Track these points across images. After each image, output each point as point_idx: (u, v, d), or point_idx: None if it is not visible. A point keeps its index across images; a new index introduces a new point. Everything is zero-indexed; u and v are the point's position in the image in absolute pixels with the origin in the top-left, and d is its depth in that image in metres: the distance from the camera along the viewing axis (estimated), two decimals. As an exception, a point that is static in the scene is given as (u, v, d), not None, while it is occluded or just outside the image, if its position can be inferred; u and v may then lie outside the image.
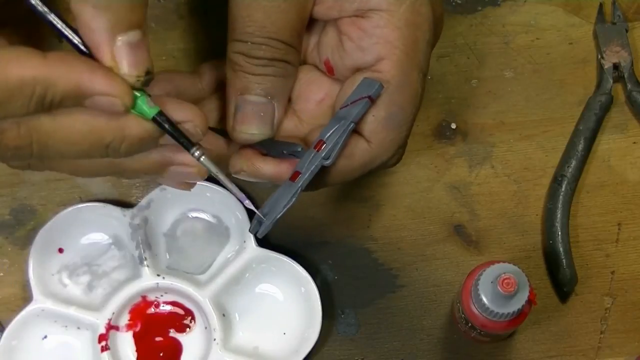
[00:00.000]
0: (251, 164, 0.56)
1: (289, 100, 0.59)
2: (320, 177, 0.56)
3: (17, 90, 0.46)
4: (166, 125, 0.49)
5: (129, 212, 0.67)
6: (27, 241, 0.68)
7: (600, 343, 0.67)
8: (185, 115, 0.49)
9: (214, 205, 0.68)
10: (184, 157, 0.51)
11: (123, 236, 0.68)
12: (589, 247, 0.69)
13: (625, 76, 0.71)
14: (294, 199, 0.55)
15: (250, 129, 0.56)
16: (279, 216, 0.55)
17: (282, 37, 0.55)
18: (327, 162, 0.55)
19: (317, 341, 0.66)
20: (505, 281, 0.57)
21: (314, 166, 0.55)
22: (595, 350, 0.67)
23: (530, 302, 0.59)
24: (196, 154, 0.50)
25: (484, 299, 0.59)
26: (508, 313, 0.59)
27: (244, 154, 0.57)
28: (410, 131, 0.58)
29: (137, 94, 0.48)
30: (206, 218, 0.69)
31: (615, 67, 0.71)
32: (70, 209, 0.67)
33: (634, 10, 0.73)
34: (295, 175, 0.55)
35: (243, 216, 0.67)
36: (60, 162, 0.51)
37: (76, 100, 0.47)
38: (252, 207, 0.54)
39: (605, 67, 0.71)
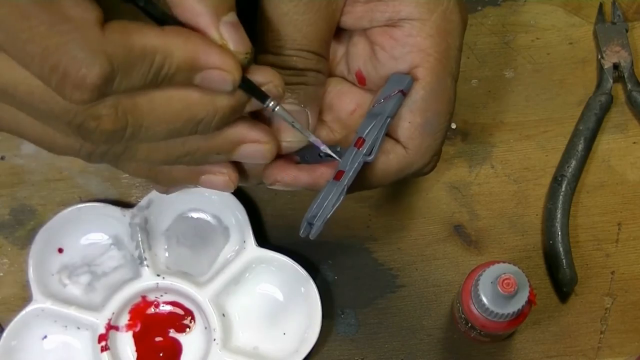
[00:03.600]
0: (286, 174, 0.56)
1: (320, 111, 0.60)
2: (360, 179, 0.56)
3: (140, 59, 0.46)
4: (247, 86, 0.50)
5: (129, 212, 0.67)
6: (27, 241, 0.68)
7: (600, 343, 0.67)
8: (265, 77, 0.50)
9: (213, 205, 0.68)
10: (256, 134, 0.52)
11: (123, 236, 0.68)
12: (589, 247, 0.69)
13: (625, 76, 0.71)
14: (342, 197, 0.55)
15: (287, 136, 0.55)
16: (329, 216, 0.55)
17: (312, 48, 0.56)
18: (370, 158, 0.55)
19: (317, 341, 0.66)
20: (505, 281, 0.57)
21: (357, 163, 0.55)
22: (595, 350, 0.67)
23: (530, 302, 0.59)
24: (271, 104, 0.51)
25: (484, 299, 0.59)
26: (508, 313, 0.59)
27: (277, 164, 0.56)
28: (445, 138, 0.58)
29: None
30: (206, 218, 0.69)
31: (615, 67, 0.71)
32: (70, 209, 0.67)
33: (634, 10, 0.73)
34: (339, 175, 0.55)
35: (243, 216, 0.67)
36: (137, 155, 0.51)
37: (189, 73, 0.48)
38: (329, 151, 0.54)
39: (605, 67, 0.71)
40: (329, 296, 0.68)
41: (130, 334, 0.67)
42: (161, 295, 0.67)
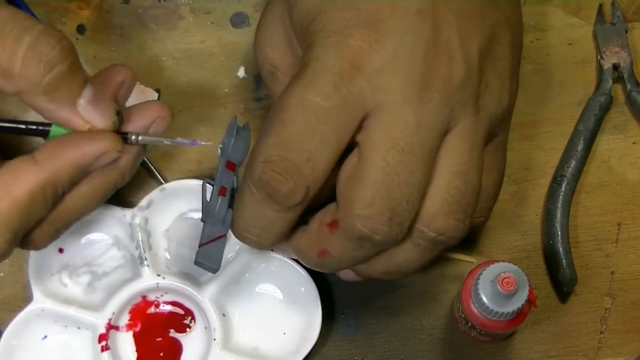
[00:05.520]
0: None
1: None
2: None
3: (31, 203, 0.51)
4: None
5: (129, 212, 0.67)
6: (27, 241, 0.68)
7: (600, 343, 0.67)
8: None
9: (214, 205, 0.68)
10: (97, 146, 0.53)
11: (123, 236, 0.68)
12: (589, 247, 0.69)
13: (625, 77, 0.71)
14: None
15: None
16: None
17: None
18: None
19: (317, 341, 0.66)
20: (505, 280, 0.57)
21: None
22: (595, 350, 0.67)
23: (530, 301, 0.59)
24: (132, 138, 0.55)
25: (484, 299, 0.59)
26: (508, 312, 0.59)
27: None
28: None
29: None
30: (206, 218, 0.69)
31: (615, 67, 0.71)
32: (70, 209, 0.67)
33: (633, 11, 0.73)
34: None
35: (243, 216, 0.67)
36: None
37: (82, 174, 0.52)
38: (203, 143, 0.57)
39: (605, 67, 0.71)
40: (329, 296, 0.68)
41: (130, 334, 0.67)
42: (161, 295, 0.67)
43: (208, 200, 0.58)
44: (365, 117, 0.53)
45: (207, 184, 0.58)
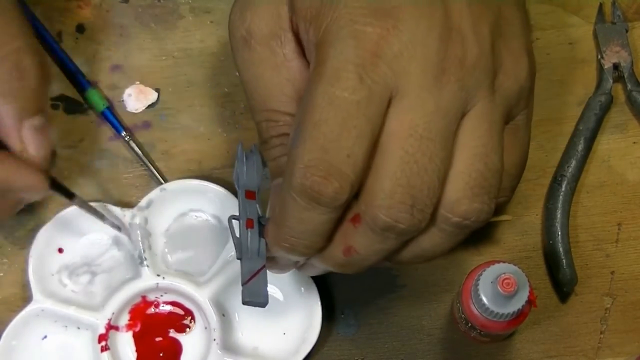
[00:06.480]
0: None
1: None
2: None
3: None
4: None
5: (129, 212, 0.67)
6: (27, 241, 0.68)
7: (600, 343, 0.67)
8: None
9: (214, 205, 0.68)
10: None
11: (123, 236, 0.68)
12: (589, 247, 0.69)
13: (625, 76, 0.71)
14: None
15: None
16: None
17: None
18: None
19: (317, 341, 0.66)
20: (505, 281, 0.57)
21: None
22: (595, 350, 0.67)
23: (530, 302, 0.59)
24: (76, 201, 0.62)
25: (484, 299, 0.59)
26: (508, 313, 0.59)
27: None
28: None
29: None
30: (206, 218, 0.69)
31: (615, 67, 0.71)
32: (70, 209, 0.67)
33: (633, 10, 0.73)
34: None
35: (243, 216, 0.67)
36: None
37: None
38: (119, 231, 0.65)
39: (605, 67, 0.71)
40: (329, 296, 0.68)
41: (130, 334, 0.67)
42: (161, 295, 0.67)
43: (238, 236, 0.56)
44: (389, 104, 0.52)
45: (233, 219, 0.57)
